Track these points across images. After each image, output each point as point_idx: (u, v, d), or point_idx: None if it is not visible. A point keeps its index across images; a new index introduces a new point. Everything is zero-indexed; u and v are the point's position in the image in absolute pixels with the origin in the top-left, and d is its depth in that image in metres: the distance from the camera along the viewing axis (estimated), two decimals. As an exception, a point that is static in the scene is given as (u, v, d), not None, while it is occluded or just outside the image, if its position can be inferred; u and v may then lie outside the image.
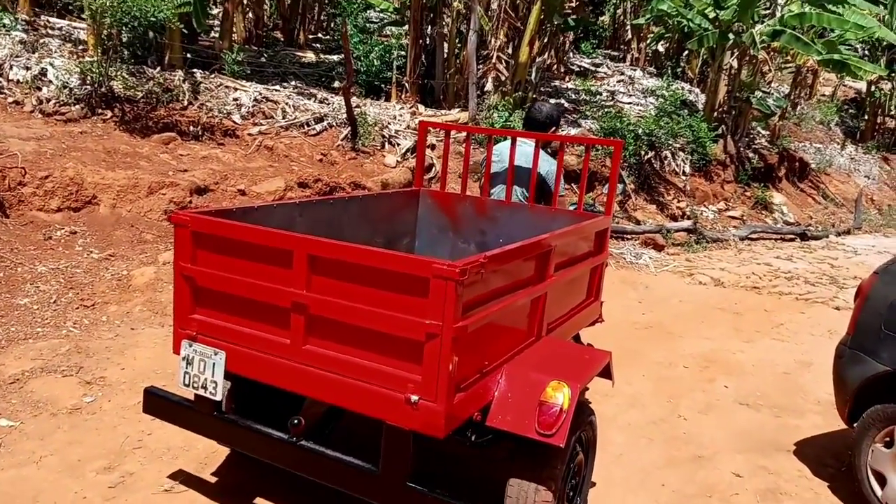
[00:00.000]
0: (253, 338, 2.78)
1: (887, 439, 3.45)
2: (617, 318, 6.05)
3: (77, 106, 8.27)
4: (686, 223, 10.62)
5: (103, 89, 8.40)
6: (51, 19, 10.95)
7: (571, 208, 4.61)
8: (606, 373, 3.28)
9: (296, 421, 2.76)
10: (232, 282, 2.80)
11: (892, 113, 19.35)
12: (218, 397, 2.87)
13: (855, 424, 3.63)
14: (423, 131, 4.79)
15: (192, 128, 8.61)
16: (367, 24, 14.66)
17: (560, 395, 2.67)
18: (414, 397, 2.45)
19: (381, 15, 15.05)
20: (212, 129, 8.74)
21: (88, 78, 8.33)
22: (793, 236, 12.16)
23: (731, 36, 12.55)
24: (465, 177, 4.79)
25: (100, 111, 8.35)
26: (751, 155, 13.85)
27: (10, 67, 8.36)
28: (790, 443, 4.45)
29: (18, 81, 8.25)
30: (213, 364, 2.84)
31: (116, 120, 8.32)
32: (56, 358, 4.30)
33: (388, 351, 2.53)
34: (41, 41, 9.25)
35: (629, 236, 9.69)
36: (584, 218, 4.06)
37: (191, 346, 2.91)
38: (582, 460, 3.18)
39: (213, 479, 3.37)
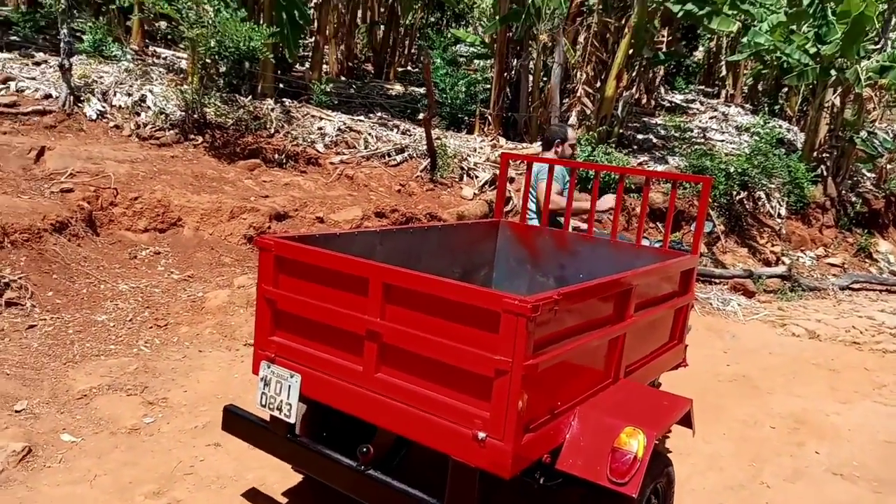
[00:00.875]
0: (327, 363, 2.84)
1: None
2: (699, 369, 5.65)
3: (171, 131, 8.64)
4: (780, 269, 9.99)
5: (196, 115, 8.75)
6: (158, 49, 11.62)
7: (657, 245, 4.50)
8: (687, 421, 3.14)
9: (364, 449, 2.79)
10: (310, 306, 2.86)
11: None
12: (292, 420, 2.91)
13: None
14: (505, 163, 4.79)
15: (276, 155, 8.82)
16: (458, 58, 14.81)
17: (634, 442, 2.59)
18: (481, 434, 2.42)
19: (472, 49, 15.19)
20: (296, 156, 8.93)
21: (183, 104, 8.71)
22: (900, 288, 11.23)
23: (833, 72, 11.88)
24: (546, 210, 4.73)
25: (192, 136, 8.69)
26: (854, 198, 12.97)
27: (115, 94, 8.85)
28: (892, 524, 3.97)
29: (120, 107, 8.71)
30: (289, 386, 2.91)
31: (206, 145, 8.64)
32: (124, 376, 4.38)
33: (457, 385, 2.51)
34: (144, 69, 9.78)
35: (717, 280, 9.18)
36: (670, 256, 3.97)
37: (269, 367, 2.98)
38: None
39: (260, 515, 3.29)
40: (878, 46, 12.46)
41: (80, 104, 8.44)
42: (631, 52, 11.66)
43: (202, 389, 4.42)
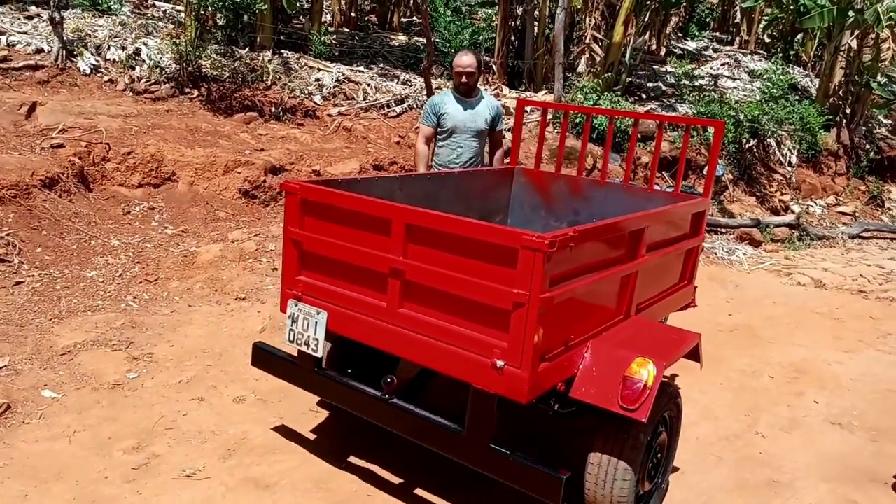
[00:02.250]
0: (352, 300, 2.98)
1: None
2: (700, 318, 5.53)
3: (167, 85, 8.50)
4: (788, 218, 9.77)
5: (191, 69, 8.59)
6: (157, 2, 11.37)
7: (668, 190, 4.75)
8: (695, 355, 3.28)
9: (389, 379, 2.97)
10: (335, 247, 3.00)
11: None
12: (319, 353, 3.08)
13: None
14: (521, 109, 4.94)
15: (273, 108, 8.67)
16: (463, 6, 14.40)
17: (645, 372, 2.71)
18: (500, 363, 2.56)
19: (478, -2, 14.77)
20: (293, 109, 8.78)
21: (179, 57, 8.54)
22: (913, 236, 10.98)
23: (851, 13, 11.41)
24: (560, 156, 4.91)
25: (187, 90, 8.55)
26: (868, 146, 12.61)
27: (109, 48, 8.69)
28: (888, 474, 3.88)
29: (115, 61, 8.56)
30: (316, 323, 3.06)
31: (202, 99, 8.49)
32: (109, 332, 4.35)
33: (477, 317, 2.65)
34: (142, 23, 9.58)
35: (723, 230, 9.01)
36: (681, 199, 4.10)
37: (296, 305, 3.12)
38: (665, 440, 3.19)
39: (235, 468, 3.27)
40: (899, -15, 11.93)
41: (73, 59, 8.30)
42: (640, -5, 11.27)
43: (189, 344, 4.39)
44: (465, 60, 4.67)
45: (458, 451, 2.81)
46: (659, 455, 3.14)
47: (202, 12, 8.88)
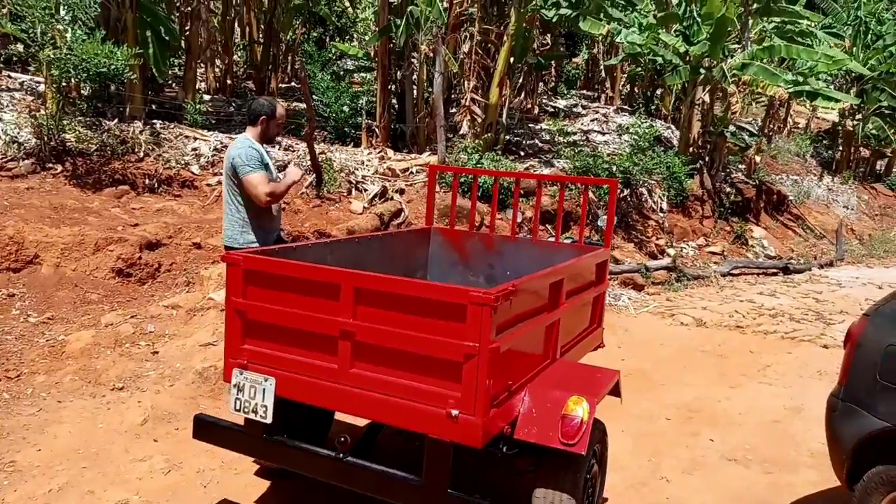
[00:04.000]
0: (302, 364, 3.05)
1: (892, 506, 3.06)
2: (596, 364, 5.65)
3: (26, 161, 7.91)
4: (665, 261, 10.32)
5: (54, 143, 8.06)
6: (12, 74, 10.67)
7: (568, 242, 5.10)
8: (616, 391, 3.52)
9: (342, 439, 3.04)
10: (281, 314, 3.08)
11: (865, 143, 19.39)
12: (268, 420, 3.09)
13: (855, 487, 3.23)
14: (433, 174, 5.34)
15: (147, 180, 8.26)
16: (341, 72, 14.52)
17: (580, 409, 2.95)
18: (454, 412, 2.72)
19: (356, 63, 14.94)
20: (169, 180, 8.40)
21: (39, 132, 8.00)
22: (775, 270, 11.89)
23: (702, 70, 12.49)
24: (472, 214, 5.26)
25: (49, 165, 7.99)
26: (728, 189, 13.68)
27: (-44, 124, 8.02)
28: (784, 504, 4.05)
29: (-36, 138, 7.90)
30: (264, 389, 3.09)
31: (67, 174, 7.97)
32: (-38, 442, 3.85)
33: (428, 371, 2.80)
34: (-7, 96, 8.95)
35: (608, 276, 9.36)
36: (585, 251, 4.43)
37: (242, 373, 3.15)
38: (596, 472, 3.41)
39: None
40: (740, 45, 13.22)
41: (-86, 138, 7.59)
42: (512, 59, 11.81)
43: (60, 446, 3.95)
44: (284, 111, 4.56)
45: (418, 501, 2.91)
46: (592, 486, 3.35)
47: (64, 83, 8.41)
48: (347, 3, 17.35)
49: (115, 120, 9.05)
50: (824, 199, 17.43)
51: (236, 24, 15.87)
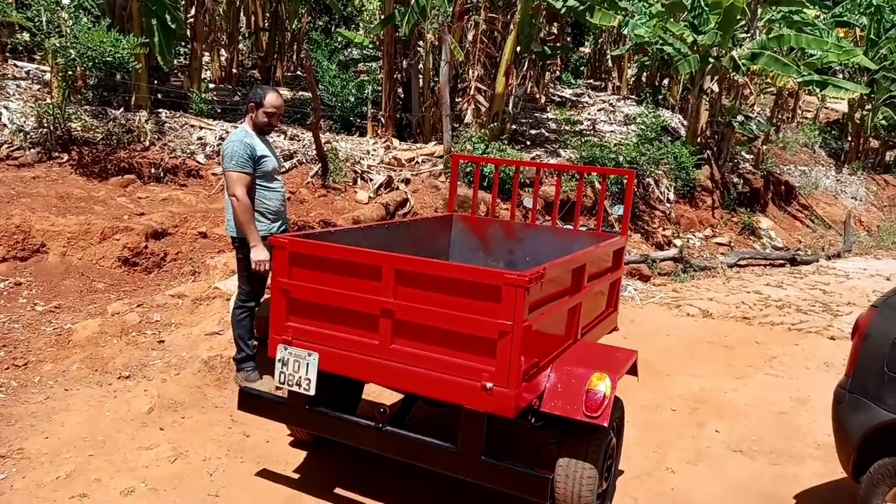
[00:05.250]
0: (344, 340, 3.25)
1: (899, 497, 3.05)
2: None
3: (32, 150, 7.91)
4: (672, 252, 10.28)
5: (60, 132, 8.06)
6: (18, 63, 10.67)
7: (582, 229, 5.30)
8: (633, 370, 3.72)
9: (382, 409, 3.27)
10: (325, 293, 3.27)
11: (875, 134, 19.25)
12: (311, 392, 3.30)
13: (861, 479, 3.22)
14: (455, 164, 5.63)
15: (153, 169, 8.26)
16: (348, 60, 14.47)
17: (603, 385, 3.15)
18: (489, 384, 2.92)
19: (363, 51, 14.89)
20: (174, 169, 8.39)
21: (45, 120, 8.00)
22: (782, 262, 11.84)
23: (710, 60, 12.39)
24: (493, 202, 5.61)
25: (56, 154, 7.99)
26: (736, 180, 13.60)
27: (-38, 113, 8.03)
28: (789, 495, 4.04)
29: (-30, 127, 7.91)
30: (308, 364, 3.30)
31: (73, 163, 7.97)
32: (-31, 429, 3.87)
33: (464, 347, 2.99)
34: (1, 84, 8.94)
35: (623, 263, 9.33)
36: (603, 238, 4.68)
37: (286, 349, 3.35)
38: (614, 445, 3.63)
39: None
40: (749, 35, 13.11)
41: (-79, 127, 7.60)
42: (518, 48, 11.73)
43: (67, 433, 3.97)
44: (279, 101, 4.59)
45: (453, 467, 3.13)
46: (611, 458, 3.56)
47: (70, 72, 8.40)
48: (353, -8, 17.26)
49: (121, 109, 9.04)
50: (832, 190, 17.33)
51: (242, 13, 15.82)
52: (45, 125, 8.01)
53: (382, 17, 11.55)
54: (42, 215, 6.57)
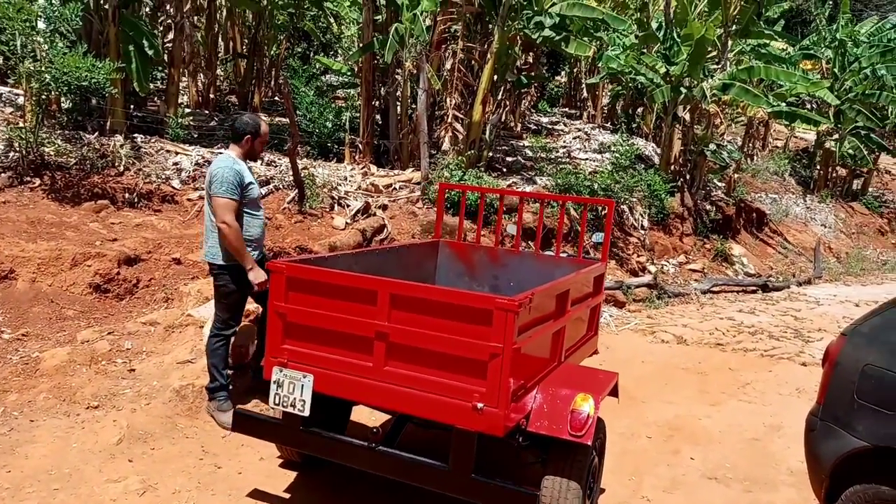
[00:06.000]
0: (338, 362, 3.34)
1: (870, 525, 3.07)
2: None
3: (3, 174, 7.80)
4: (646, 278, 10.38)
5: (32, 156, 7.97)
6: (-8, 87, 10.58)
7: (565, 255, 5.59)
8: (614, 391, 3.84)
9: (375, 430, 3.42)
10: (320, 316, 3.36)
11: (842, 163, 19.72)
12: (306, 413, 3.38)
13: (833, 507, 3.24)
14: (442, 192, 5.88)
15: (127, 195, 8.18)
16: (326, 87, 14.53)
17: (587, 405, 3.26)
18: (480, 405, 3.03)
19: (340, 78, 14.96)
20: (149, 195, 8.32)
21: (17, 144, 7.90)
22: (754, 288, 12.01)
23: (682, 90, 12.65)
24: (479, 230, 5.93)
25: (27, 179, 7.89)
26: (708, 207, 13.82)
27: (-69, 137, 7.91)
28: (764, 523, 4.05)
29: (-61, 151, 7.79)
30: (302, 385, 3.38)
31: (45, 188, 7.87)
32: (-71, 463, 3.75)
33: (456, 369, 3.11)
34: (-31, 108, 8.83)
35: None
36: (584, 265, 4.82)
37: (281, 371, 3.44)
38: (596, 464, 3.73)
39: None
40: (720, 66, 13.43)
41: None
42: (495, 77, 11.88)
43: (31, 466, 3.86)
44: (268, 128, 4.69)
45: (445, 485, 3.22)
46: (593, 476, 3.65)
47: (44, 96, 8.32)
48: (332, 20, 17.40)
49: (96, 133, 8.97)
50: (802, 217, 17.68)
51: (220, 38, 15.85)
52: (18, 149, 7.91)
53: (361, 44, 11.65)
54: (11, 241, 6.46)
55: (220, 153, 9.85)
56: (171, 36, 12.40)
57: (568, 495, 3.26)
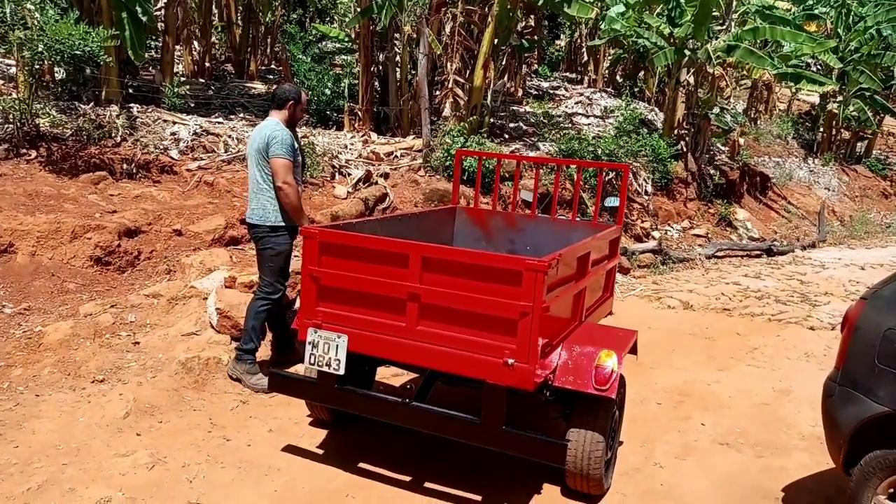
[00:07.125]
0: (372, 323, 3.48)
1: (891, 490, 3.03)
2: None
3: (-2, 147, 7.66)
4: (651, 244, 10.30)
5: (27, 128, 7.82)
6: (-18, 57, 10.35)
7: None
8: (633, 348, 3.93)
9: (408, 386, 3.67)
10: (353, 279, 3.50)
11: (846, 125, 19.50)
12: (341, 372, 3.50)
13: (852, 471, 3.21)
14: (459, 159, 5.99)
15: (125, 165, 8.04)
16: (324, 54, 14.27)
17: (610, 361, 3.41)
18: (511, 360, 3.18)
19: (337, 45, 14.69)
20: (147, 166, 8.19)
21: (11, 116, 7.75)
22: (759, 252, 11.94)
23: (686, 52, 12.42)
24: (495, 195, 6.33)
25: (23, 151, 7.75)
26: (712, 171, 13.67)
27: (-77, 109, 7.74)
28: (777, 488, 4.02)
29: (-69, 123, 7.64)
30: (337, 345, 3.49)
31: (42, 160, 7.73)
32: (-66, 439, 3.71)
33: (487, 327, 3.25)
34: (-40, 79, 8.65)
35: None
36: (600, 228, 4.97)
37: (316, 332, 3.56)
38: (618, 418, 3.90)
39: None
40: (724, 27, 13.16)
41: None
42: (496, 41, 11.65)
43: (38, 442, 3.82)
44: (308, 97, 4.83)
45: (477, 437, 3.37)
46: (614, 429, 3.81)
47: (37, 66, 8.14)
48: (328, -15, 17.04)
49: (91, 104, 8.80)
50: (806, 181, 17.53)
51: (214, 6, 15.52)
52: (11, 121, 7.76)
53: (358, 9, 11.39)
54: (9, 214, 6.37)
55: (220, 122, 9.73)
56: (163, 2, 12.12)
57: (593, 446, 3.43)
